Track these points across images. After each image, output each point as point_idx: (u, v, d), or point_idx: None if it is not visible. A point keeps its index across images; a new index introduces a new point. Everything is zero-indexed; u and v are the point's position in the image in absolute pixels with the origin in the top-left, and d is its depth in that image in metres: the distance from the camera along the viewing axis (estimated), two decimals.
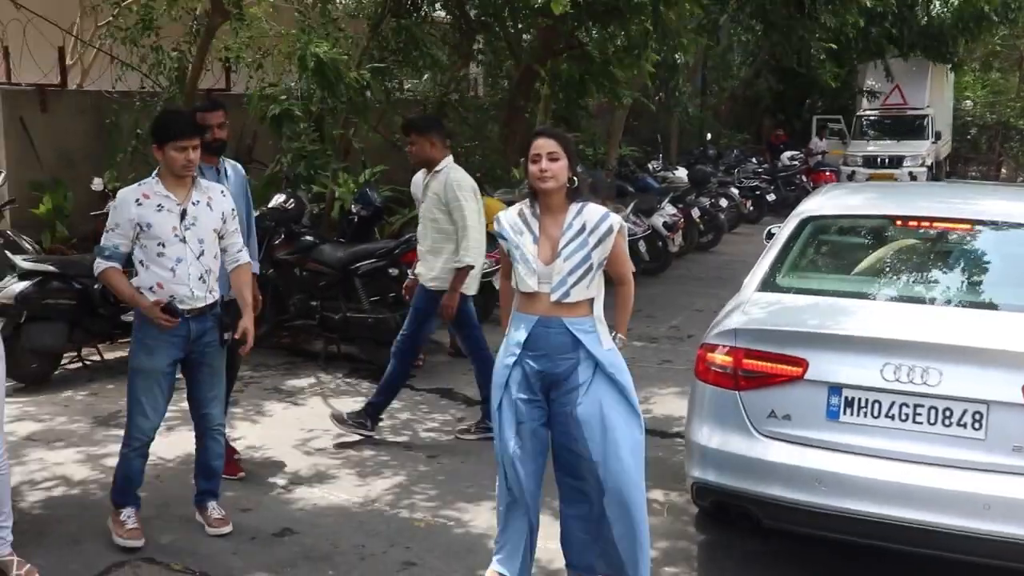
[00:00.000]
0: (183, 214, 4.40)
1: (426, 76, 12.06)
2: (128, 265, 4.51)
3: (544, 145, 3.73)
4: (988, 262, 4.76)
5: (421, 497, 5.12)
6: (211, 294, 4.50)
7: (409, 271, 6.37)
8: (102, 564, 4.31)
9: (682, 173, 15.67)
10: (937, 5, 19.97)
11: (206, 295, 4.46)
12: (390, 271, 7.40)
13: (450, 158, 5.86)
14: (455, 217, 5.71)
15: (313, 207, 9.26)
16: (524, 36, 11.95)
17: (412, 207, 9.16)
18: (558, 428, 3.78)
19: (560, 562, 4.02)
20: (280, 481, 5.34)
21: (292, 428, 6.25)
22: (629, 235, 10.86)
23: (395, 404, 6.73)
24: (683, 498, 4.93)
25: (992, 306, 4.30)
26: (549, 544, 4.16)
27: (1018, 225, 4.84)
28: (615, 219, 3.77)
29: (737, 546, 4.56)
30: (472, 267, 5.74)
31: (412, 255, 7.41)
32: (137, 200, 4.36)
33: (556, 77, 11.03)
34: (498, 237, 3.89)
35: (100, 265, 4.39)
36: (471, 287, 5.91)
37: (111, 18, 9.92)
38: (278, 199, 8.07)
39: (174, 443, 5.69)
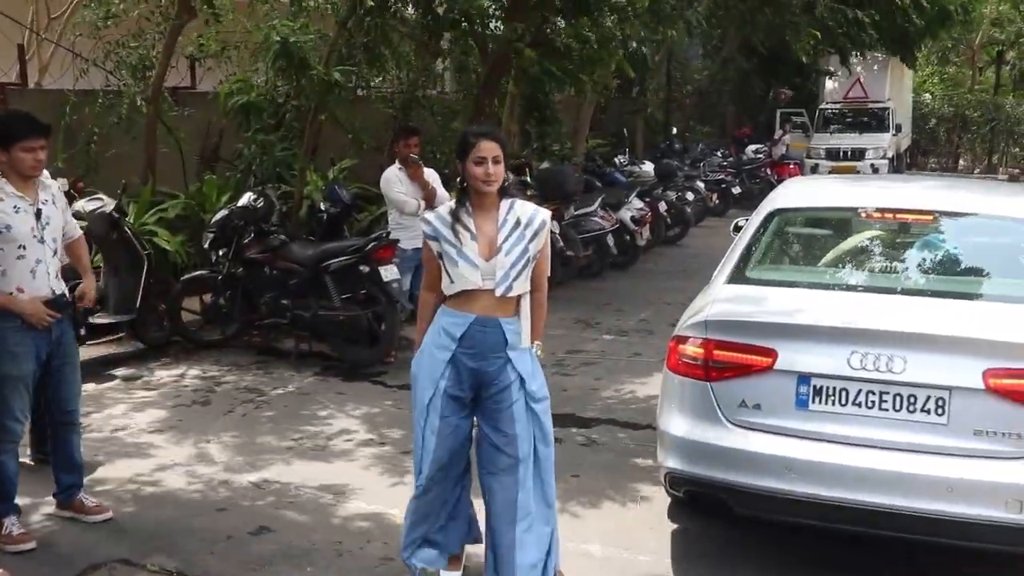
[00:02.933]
0: (38, 214, 4.36)
1: (392, 73, 12.03)
2: None
3: (490, 148, 3.73)
4: (950, 252, 4.87)
5: (397, 493, 5.14)
6: (63, 292, 4.49)
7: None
8: (77, 566, 4.29)
9: (649, 167, 15.79)
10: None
11: (61, 293, 4.46)
12: (361, 268, 7.41)
13: None
14: None
15: (281, 205, 9.23)
16: (492, 31, 11.94)
17: (381, 204, 9.17)
18: (488, 425, 3.86)
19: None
20: (254, 479, 5.34)
21: (264, 427, 6.24)
22: (597, 229, 11.15)
23: (369, 401, 6.75)
24: (656, 488, 4.99)
25: (954, 295, 4.38)
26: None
27: (976, 215, 5.02)
28: (545, 213, 3.87)
29: (712, 535, 4.63)
30: None
31: (383, 252, 7.45)
32: None
33: (523, 71, 11.06)
34: (429, 239, 3.86)
35: None
36: None
37: (66, 11, 9.80)
38: (247, 198, 8.05)
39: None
